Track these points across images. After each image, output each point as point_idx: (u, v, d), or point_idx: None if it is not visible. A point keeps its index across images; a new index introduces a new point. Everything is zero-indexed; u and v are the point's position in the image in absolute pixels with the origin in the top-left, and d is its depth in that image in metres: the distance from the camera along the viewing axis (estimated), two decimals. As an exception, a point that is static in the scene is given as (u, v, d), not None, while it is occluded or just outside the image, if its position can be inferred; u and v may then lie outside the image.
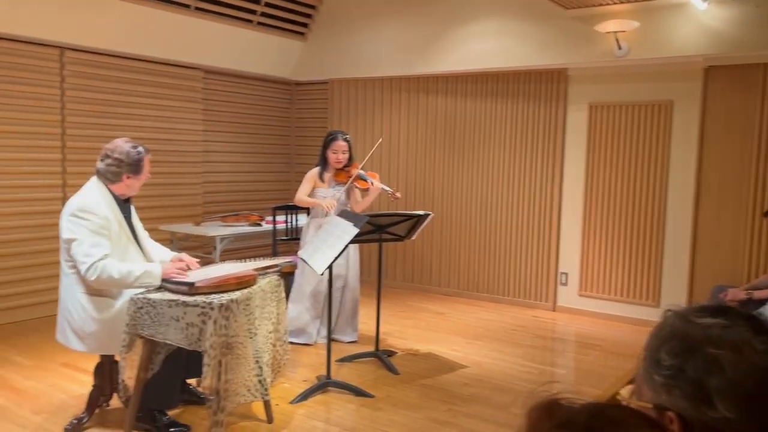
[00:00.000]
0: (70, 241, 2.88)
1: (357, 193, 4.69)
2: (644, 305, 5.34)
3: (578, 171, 5.61)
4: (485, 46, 5.68)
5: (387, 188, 4.50)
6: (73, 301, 2.95)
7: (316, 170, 4.60)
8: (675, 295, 5.15)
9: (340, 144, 4.51)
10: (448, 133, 6.26)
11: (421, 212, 4.11)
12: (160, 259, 3.24)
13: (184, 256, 3.21)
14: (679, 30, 4.77)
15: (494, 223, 6.04)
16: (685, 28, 4.74)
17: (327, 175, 4.58)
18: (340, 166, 4.53)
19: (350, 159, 4.57)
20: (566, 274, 5.72)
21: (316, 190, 4.58)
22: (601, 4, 4.86)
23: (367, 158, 4.79)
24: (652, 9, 4.81)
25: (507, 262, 5.99)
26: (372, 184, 4.53)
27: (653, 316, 5.00)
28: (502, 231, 6.00)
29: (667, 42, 4.82)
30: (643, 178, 5.29)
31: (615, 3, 4.80)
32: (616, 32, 4.86)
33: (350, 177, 4.50)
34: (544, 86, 5.71)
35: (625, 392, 0.95)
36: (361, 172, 4.56)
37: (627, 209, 5.38)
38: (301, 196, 4.56)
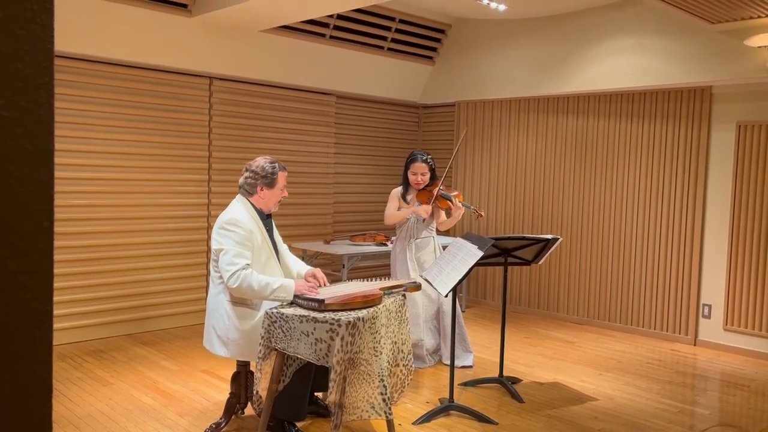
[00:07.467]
0: (218, 252, 3.10)
1: (441, 213, 4.65)
2: (802, 344, 4.82)
3: (724, 194, 5.20)
4: (621, 65, 5.46)
5: (470, 206, 4.49)
6: (219, 309, 3.17)
7: (399, 189, 4.63)
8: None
9: (419, 165, 4.48)
10: (578, 156, 6.07)
11: (549, 236, 4.00)
12: (297, 271, 3.40)
13: (318, 272, 3.35)
14: None
15: (628, 249, 5.74)
16: None
17: (410, 197, 4.59)
18: (420, 187, 4.52)
19: (432, 178, 4.55)
20: (709, 306, 5.30)
21: (400, 210, 4.61)
22: (751, 17, 4.52)
23: (449, 164, 4.63)
24: (812, 19, 4.41)
25: (642, 290, 5.66)
26: (453, 203, 4.47)
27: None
28: (637, 257, 5.69)
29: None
30: (802, 204, 4.80)
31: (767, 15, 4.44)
32: (769, 46, 4.50)
33: (432, 197, 4.49)
34: (685, 105, 5.38)
35: None
36: (443, 191, 4.51)
37: (781, 238, 4.90)
38: (391, 212, 4.58)
